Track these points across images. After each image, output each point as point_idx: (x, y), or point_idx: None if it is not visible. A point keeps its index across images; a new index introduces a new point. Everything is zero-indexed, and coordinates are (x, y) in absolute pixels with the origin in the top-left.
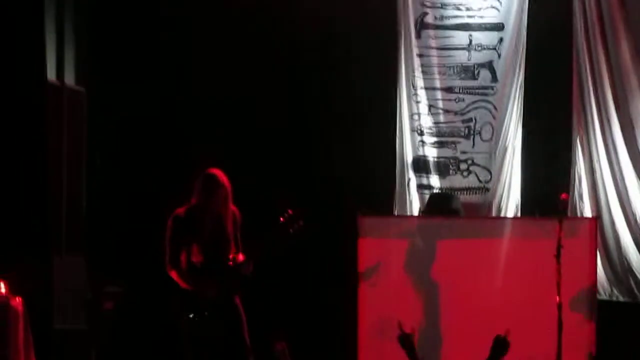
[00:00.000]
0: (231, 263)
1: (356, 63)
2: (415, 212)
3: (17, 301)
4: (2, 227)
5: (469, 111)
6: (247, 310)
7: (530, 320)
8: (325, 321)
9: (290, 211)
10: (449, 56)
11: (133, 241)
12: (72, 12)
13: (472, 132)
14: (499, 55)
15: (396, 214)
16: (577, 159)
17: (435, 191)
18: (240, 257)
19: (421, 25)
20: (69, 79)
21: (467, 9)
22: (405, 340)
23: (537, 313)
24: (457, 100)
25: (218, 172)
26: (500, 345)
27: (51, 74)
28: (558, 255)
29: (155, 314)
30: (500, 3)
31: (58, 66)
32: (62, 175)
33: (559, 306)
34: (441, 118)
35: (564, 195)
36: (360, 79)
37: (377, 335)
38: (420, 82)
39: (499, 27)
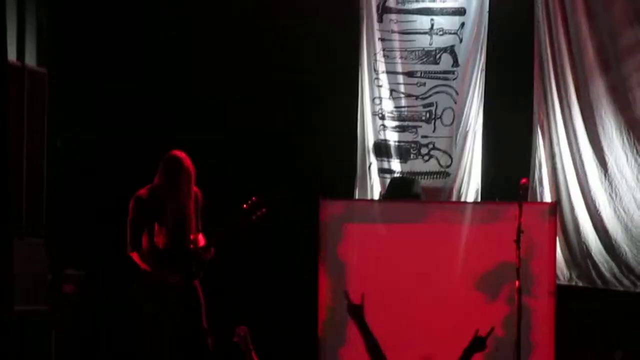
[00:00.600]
0: (192, 246)
1: (318, 47)
2: (376, 196)
3: None
4: None
5: (430, 95)
6: (209, 294)
7: (489, 304)
8: (287, 306)
9: (253, 198)
10: (410, 40)
11: (94, 224)
12: None
13: (433, 116)
14: (461, 40)
15: (357, 197)
16: (537, 143)
17: (396, 175)
18: (201, 240)
19: (383, 9)
20: (30, 59)
21: None
22: (354, 311)
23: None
24: (418, 84)
25: (181, 154)
26: (477, 345)
27: (12, 55)
28: (518, 240)
29: (116, 297)
30: None
31: (19, 47)
32: (22, 157)
33: (519, 290)
34: (402, 102)
35: (524, 180)
36: (322, 63)
37: (338, 319)
38: (382, 66)
39: (460, 11)
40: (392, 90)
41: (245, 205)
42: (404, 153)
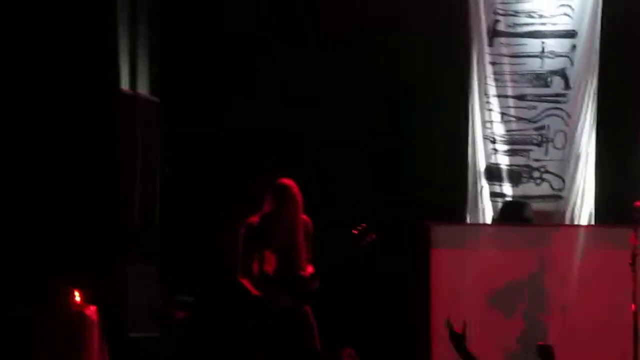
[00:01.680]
0: (302, 272)
1: (429, 71)
2: (488, 221)
3: (92, 310)
4: (77, 236)
5: (541, 119)
6: (317, 318)
7: (606, 329)
8: (396, 332)
9: (363, 224)
10: (521, 64)
11: (205, 250)
12: (145, 21)
13: (544, 139)
14: (572, 63)
15: (469, 222)
16: None
17: (508, 199)
18: (309, 269)
19: (493, 33)
20: (143, 88)
21: (540, 16)
22: (456, 340)
23: (613, 322)
24: (529, 107)
25: (290, 182)
26: (545, 354)
27: (124, 83)
28: (633, 263)
29: (227, 323)
30: (573, 10)
31: (131, 75)
32: (135, 185)
33: (635, 314)
34: (513, 126)
35: (638, 203)
36: (434, 87)
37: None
38: (492, 90)
39: (571, 34)
40: (502, 114)
41: (355, 231)
42: (515, 177)
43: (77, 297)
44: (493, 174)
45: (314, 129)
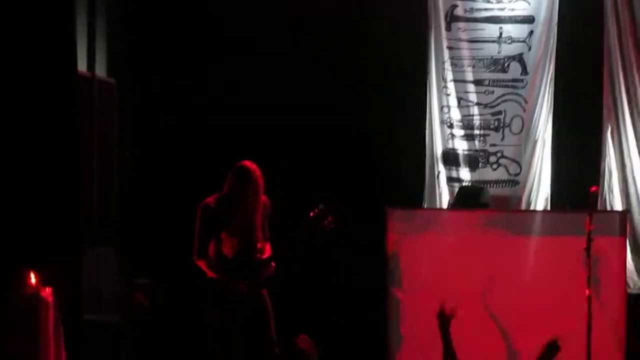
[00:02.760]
0: (258, 255)
1: (386, 56)
2: (445, 205)
3: (47, 292)
4: (33, 218)
5: (498, 104)
6: (275, 304)
7: (560, 314)
8: (353, 317)
9: (321, 206)
10: (479, 49)
11: (163, 233)
12: (103, 3)
13: (501, 124)
14: (529, 48)
15: (425, 206)
16: (607, 152)
17: (464, 184)
18: (268, 250)
19: (451, 18)
20: (100, 70)
21: (498, 2)
22: (443, 320)
23: (566, 307)
24: (486, 92)
25: (251, 165)
26: (551, 349)
27: (82, 65)
28: (588, 248)
29: (184, 306)
30: None
31: (89, 57)
32: (93, 167)
33: (589, 299)
34: (471, 111)
35: (593, 188)
36: (390, 72)
37: (406, 329)
38: (450, 75)
39: (529, 19)
40: (460, 99)
41: (312, 213)
42: (472, 162)
43: (33, 279)
44: (450, 158)
45: (275, 112)
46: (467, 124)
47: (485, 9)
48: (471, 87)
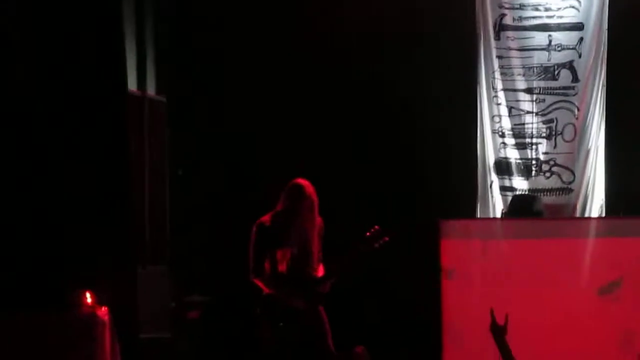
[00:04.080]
0: (315, 273)
1: (436, 66)
2: (498, 215)
3: (103, 311)
4: (87, 238)
5: (550, 112)
6: (329, 318)
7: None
8: (408, 327)
9: (376, 227)
10: (528, 57)
11: (218, 250)
12: (152, 21)
13: (553, 132)
14: (580, 55)
15: (479, 216)
16: None
17: (517, 193)
18: (321, 271)
19: (500, 27)
20: (150, 89)
21: (546, 9)
22: (497, 331)
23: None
24: (537, 101)
25: (304, 182)
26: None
27: (132, 84)
28: None
29: (239, 323)
30: (580, 2)
31: (139, 76)
32: (144, 185)
33: None
34: (522, 119)
35: None
36: (441, 82)
37: (461, 339)
38: (500, 84)
39: (578, 26)
40: (511, 108)
41: (368, 234)
42: (525, 170)
43: (89, 298)
44: (503, 167)
45: (325, 129)
46: (518, 133)
47: (534, 17)
48: (522, 96)
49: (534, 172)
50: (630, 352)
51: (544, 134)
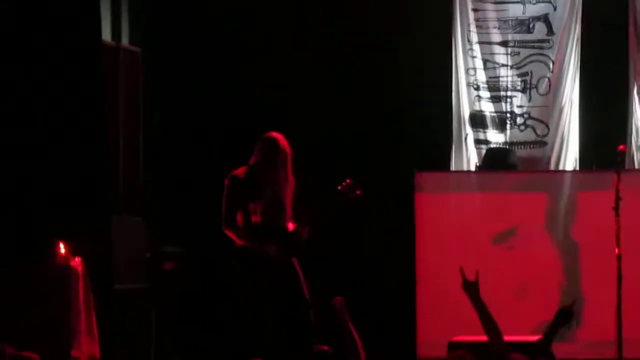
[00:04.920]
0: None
1: (412, 19)
2: (473, 167)
3: (77, 262)
4: (60, 188)
5: (524, 65)
6: (305, 274)
7: (591, 272)
8: (383, 278)
9: (348, 180)
10: (503, 10)
11: (192, 201)
12: None
13: (528, 85)
14: (555, 8)
15: (453, 169)
16: (634, 110)
17: (492, 146)
18: (291, 225)
19: None
20: (125, 39)
21: None
22: (470, 288)
23: (597, 265)
24: (512, 54)
25: (278, 135)
26: (563, 317)
27: (106, 35)
28: (617, 208)
29: (215, 274)
30: None
31: (113, 27)
32: (119, 136)
33: (619, 258)
34: (497, 72)
35: (621, 147)
36: (416, 35)
37: (436, 290)
38: (475, 37)
39: None
40: (486, 61)
41: (340, 187)
42: (499, 123)
43: (62, 249)
44: (477, 121)
45: (299, 81)
46: (493, 86)
47: None
48: (497, 49)
49: (508, 125)
50: None
51: (518, 87)
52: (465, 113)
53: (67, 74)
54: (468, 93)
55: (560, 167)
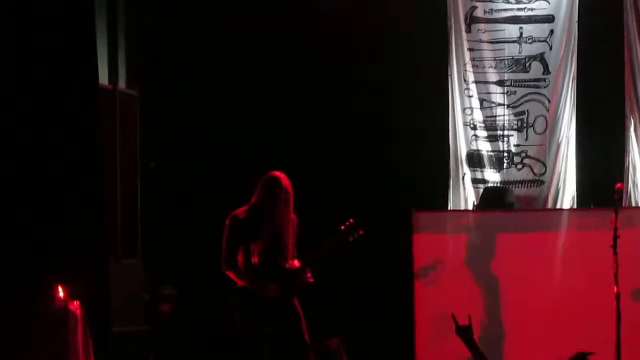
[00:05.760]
0: (289, 266)
1: (407, 59)
2: (470, 207)
3: (75, 305)
4: (59, 231)
5: (521, 104)
6: (304, 310)
7: (589, 312)
8: (381, 319)
9: (351, 220)
10: (499, 49)
11: (189, 243)
12: (123, 16)
13: (525, 124)
14: (551, 47)
15: (451, 208)
16: (630, 147)
17: (489, 185)
18: (296, 263)
19: (471, 19)
20: (121, 82)
21: (517, 2)
22: (463, 333)
23: (595, 305)
24: (509, 93)
25: (280, 174)
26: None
27: (103, 78)
28: (614, 246)
29: (213, 315)
30: None
31: (110, 70)
32: (116, 179)
33: (617, 296)
34: (494, 112)
35: (618, 185)
36: (412, 75)
37: (435, 332)
38: (471, 76)
39: (549, 18)
40: (482, 100)
41: (342, 227)
42: (497, 162)
43: (61, 292)
44: (474, 160)
45: (298, 122)
46: (490, 125)
47: (505, 9)
48: (493, 88)
49: (505, 165)
50: None
51: (515, 126)
52: (463, 152)
53: (64, 117)
54: (465, 132)
55: (558, 207)
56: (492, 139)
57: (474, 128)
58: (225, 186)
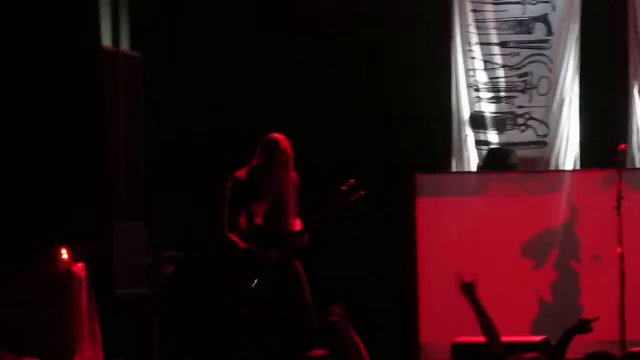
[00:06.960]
0: (291, 227)
1: (411, 20)
2: (473, 168)
3: (79, 267)
4: (62, 194)
5: (524, 65)
6: (306, 273)
7: (593, 272)
8: (384, 282)
9: (351, 180)
10: (503, 10)
11: (192, 205)
12: None
13: (528, 86)
14: (554, 8)
15: (454, 170)
16: (634, 108)
17: (492, 146)
18: (298, 225)
19: None
20: (124, 44)
21: None
22: (467, 289)
23: (599, 265)
24: (512, 54)
25: (279, 136)
26: (582, 326)
27: (106, 40)
28: (618, 207)
29: (215, 278)
30: None
31: (113, 31)
32: (119, 141)
33: (621, 257)
34: (497, 73)
35: (622, 146)
36: (414, 37)
37: (438, 295)
38: (474, 38)
39: None
40: (486, 62)
41: (343, 187)
42: (500, 124)
43: (65, 254)
44: (477, 121)
45: (300, 83)
46: (493, 87)
47: None
48: (496, 50)
49: (508, 126)
50: None
51: (518, 88)
52: (465, 114)
53: (67, 79)
54: (468, 94)
55: (561, 168)
56: (495, 100)
57: (477, 89)
58: (228, 148)
